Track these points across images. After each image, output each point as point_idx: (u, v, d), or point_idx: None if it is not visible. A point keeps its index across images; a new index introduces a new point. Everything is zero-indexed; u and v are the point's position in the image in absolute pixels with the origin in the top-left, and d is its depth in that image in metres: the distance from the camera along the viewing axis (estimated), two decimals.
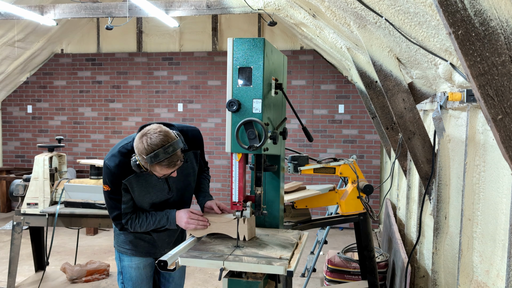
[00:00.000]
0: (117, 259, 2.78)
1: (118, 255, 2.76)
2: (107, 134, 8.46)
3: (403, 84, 3.07)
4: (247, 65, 2.11)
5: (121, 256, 2.73)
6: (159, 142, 2.25)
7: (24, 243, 5.43)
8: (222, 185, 8.06)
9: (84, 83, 8.51)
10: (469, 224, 2.45)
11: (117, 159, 2.42)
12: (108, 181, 2.45)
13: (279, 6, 4.67)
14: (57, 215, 4.06)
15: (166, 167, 2.30)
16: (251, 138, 2.08)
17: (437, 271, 3.05)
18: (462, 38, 1.21)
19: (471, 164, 2.43)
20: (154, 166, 2.29)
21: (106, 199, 2.53)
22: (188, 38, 8.24)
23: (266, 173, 2.53)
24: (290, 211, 3.36)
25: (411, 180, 4.10)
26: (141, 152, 2.26)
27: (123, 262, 2.73)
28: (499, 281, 2.07)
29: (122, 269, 2.74)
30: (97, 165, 4.33)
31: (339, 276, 4.20)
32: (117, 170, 2.41)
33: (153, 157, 2.24)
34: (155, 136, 2.26)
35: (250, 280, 2.12)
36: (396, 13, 2.21)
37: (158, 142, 2.25)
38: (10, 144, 8.81)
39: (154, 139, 2.25)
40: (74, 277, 4.66)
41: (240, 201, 2.22)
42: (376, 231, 7.16)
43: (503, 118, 1.25)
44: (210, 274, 5.21)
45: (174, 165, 2.32)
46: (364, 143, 7.64)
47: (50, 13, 5.51)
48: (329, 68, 7.68)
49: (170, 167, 2.31)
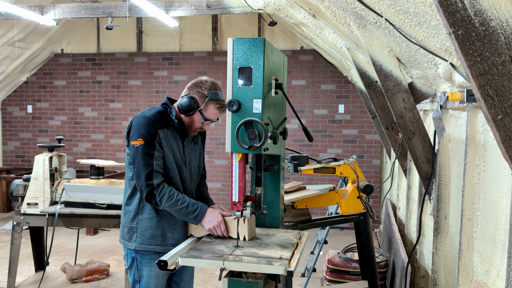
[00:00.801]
0: (132, 268, 2.59)
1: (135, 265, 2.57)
2: (107, 134, 8.46)
3: (403, 84, 3.08)
4: (247, 65, 2.11)
5: (139, 266, 2.56)
6: (218, 85, 2.52)
7: (24, 243, 5.43)
8: (222, 185, 8.06)
9: (84, 83, 8.51)
10: (469, 224, 2.45)
11: (153, 111, 2.52)
12: (144, 132, 2.41)
13: (279, 6, 4.67)
14: (57, 215, 4.06)
15: (217, 109, 2.50)
16: (251, 138, 2.09)
17: (437, 271, 3.05)
18: (462, 38, 1.21)
19: (471, 164, 2.43)
20: (208, 105, 2.47)
21: (138, 156, 2.41)
22: (188, 38, 8.24)
23: (266, 173, 2.53)
24: (290, 211, 3.36)
25: (411, 180, 4.10)
26: (202, 87, 2.47)
27: (141, 271, 2.57)
28: (499, 281, 2.07)
29: (140, 278, 2.57)
30: (97, 165, 4.33)
31: (339, 276, 4.20)
32: (155, 118, 2.46)
33: (214, 93, 2.46)
34: (215, 81, 2.53)
35: (250, 280, 2.12)
36: (396, 13, 2.21)
37: (217, 84, 2.52)
38: (10, 144, 8.81)
39: (214, 81, 2.52)
40: (74, 277, 4.66)
41: (240, 201, 2.22)
42: (376, 231, 7.16)
43: (503, 118, 1.25)
44: (210, 274, 5.21)
45: (223, 110, 2.50)
46: (364, 143, 7.64)
47: (50, 13, 5.51)
48: (329, 68, 7.68)
49: (220, 111, 2.50)
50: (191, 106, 2.45)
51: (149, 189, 2.40)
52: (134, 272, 2.59)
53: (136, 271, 2.58)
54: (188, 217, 2.46)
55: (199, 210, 2.46)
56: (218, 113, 2.51)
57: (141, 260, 2.57)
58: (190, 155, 2.65)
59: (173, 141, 2.54)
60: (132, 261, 2.58)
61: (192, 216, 2.45)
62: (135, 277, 2.59)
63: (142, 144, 2.41)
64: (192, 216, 2.45)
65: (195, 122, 2.54)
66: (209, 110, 2.49)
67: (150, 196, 2.41)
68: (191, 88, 2.52)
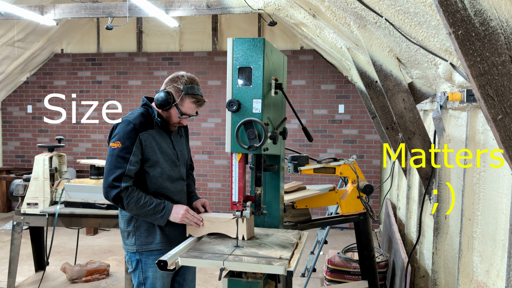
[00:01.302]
0: (138, 271, 2.59)
1: (140, 266, 2.58)
2: (107, 134, 8.46)
3: (403, 84, 3.07)
4: (247, 65, 2.11)
5: (144, 267, 2.56)
6: (195, 79, 2.56)
7: (24, 243, 5.43)
8: (222, 185, 8.06)
9: (84, 83, 8.51)
10: (469, 224, 2.45)
11: (135, 114, 2.55)
12: (124, 135, 2.45)
13: (279, 6, 4.67)
14: (57, 215, 4.06)
15: (193, 103, 2.52)
16: (251, 138, 2.08)
17: (437, 271, 3.05)
18: (462, 38, 1.21)
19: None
20: (184, 99, 2.50)
21: (112, 157, 2.44)
22: (188, 38, 8.24)
23: (266, 173, 2.53)
24: (290, 211, 3.36)
25: (411, 180, 4.10)
26: (177, 82, 2.51)
27: (146, 273, 2.57)
28: (499, 281, 2.07)
29: (145, 280, 2.57)
30: (97, 165, 4.33)
31: (339, 276, 4.20)
32: (137, 121, 2.50)
33: (189, 88, 2.49)
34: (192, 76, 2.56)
35: (250, 280, 2.12)
36: (396, 13, 2.21)
37: (194, 78, 2.56)
38: (10, 144, 8.81)
39: (191, 76, 2.55)
40: (74, 277, 4.66)
41: (240, 201, 2.22)
42: (376, 231, 7.16)
43: (503, 118, 1.25)
44: (210, 274, 5.21)
45: (200, 105, 2.56)
46: (364, 143, 7.64)
47: (50, 13, 5.51)
48: (329, 68, 7.68)
49: (196, 105, 2.54)
50: (167, 100, 2.49)
51: (116, 190, 2.41)
52: (138, 275, 2.59)
53: (141, 273, 2.58)
54: (156, 216, 2.48)
55: (166, 209, 2.49)
56: (194, 107, 2.55)
57: (146, 262, 2.57)
58: (180, 148, 2.73)
59: (161, 139, 2.59)
60: (137, 263, 2.59)
61: (159, 215, 2.48)
62: (140, 280, 2.59)
63: (119, 147, 2.45)
64: (159, 215, 2.48)
65: (172, 116, 2.57)
66: (185, 105, 2.53)
67: (117, 198, 2.43)
68: (167, 83, 2.57)
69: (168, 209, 2.49)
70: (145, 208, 2.45)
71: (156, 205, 2.47)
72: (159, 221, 2.50)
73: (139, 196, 2.45)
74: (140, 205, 2.44)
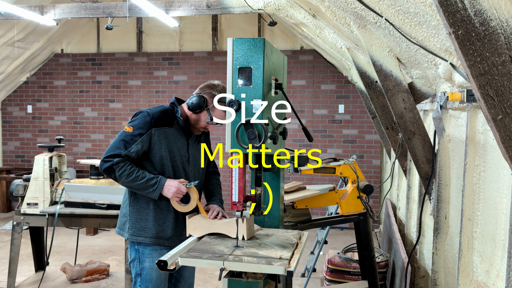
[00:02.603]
0: (135, 261, 2.68)
1: (137, 256, 2.67)
2: (107, 134, 8.46)
3: (403, 84, 3.07)
4: (247, 65, 2.11)
5: (141, 257, 2.66)
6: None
7: (24, 243, 5.43)
8: (222, 185, 8.05)
9: (84, 83, 8.51)
10: (469, 224, 2.45)
11: (158, 109, 2.62)
12: (138, 124, 2.55)
13: (279, 6, 4.67)
14: (57, 215, 4.06)
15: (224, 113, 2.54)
16: (251, 138, 2.08)
17: (437, 271, 3.05)
18: (462, 38, 1.21)
19: (471, 164, 2.43)
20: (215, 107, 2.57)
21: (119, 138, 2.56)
22: (188, 38, 8.24)
23: (266, 173, 2.53)
24: (290, 211, 3.36)
25: (411, 180, 4.10)
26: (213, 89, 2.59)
27: (143, 263, 2.66)
28: (499, 281, 2.07)
29: (142, 271, 2.66)
30: (97, 165, 4.33)
31: (339, 276, 4.20)
32: (156, 116, 2.57)
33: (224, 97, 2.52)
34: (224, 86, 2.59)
35: (250, 280, 2.12)
36: (396, 13, 2.21)
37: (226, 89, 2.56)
38: (10, 144, 8.81)
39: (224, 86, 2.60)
40: (74, 277, 4.66)
41: (240, 201, 2.22)
42: (376, 231, 7.16)
43: (503, 118, 1.25)
44: (210, 274, 5.21)
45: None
46: (364, 143, 7.64)
47: (50, 13, 5.51)
48: (329, 68, 7.68)
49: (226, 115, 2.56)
50: (200, 104, 2.58)
51: (109, 163, 2.51)
52: (136, 265, 2.69)
53: (138, 263, 2.67)
54: (148, 190, 2.54)
55: (158, 182, 2.54)
56: (223, 115, 2.58)
57: (143, 252, 2.67)
58: (194, 153, 2.77)
59: (176, 139, 2.66)
60: (136, 253, 2.68)
61: (151, 189, 2.53)
62: (137, 270, 2.69)
63: (129, 132, 2.55)
64: (151, 189, 2.53)
65: (201, 120, 2.65)
66: (217, 111, 2.60)
67: (109, 169, 2.52)
68: (203, 88, 2.65)
69: (161, 184, 2.54)
70: (136, 181, 2.52)
71: (149, 179, 2.53)
72: (151, 194, 2.56)
73: (132, 169, 2.52)
74: (132, 178, 2.51)
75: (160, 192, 2.54)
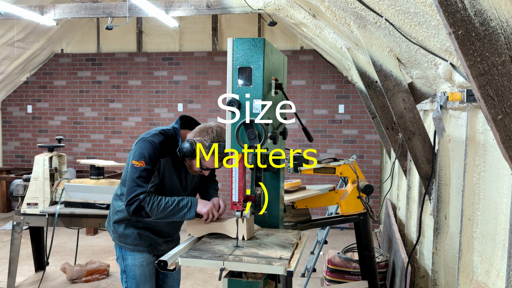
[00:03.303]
0: (119, 259, 2.74)
1: (120, 254, 2.72)
2: (107, 134, 8.46)
3: (403, 84, 3.07)
4: (247, 65, 2.11)
5: (124, 255, 2.71)
6: (223, 134, 2.47)
7: (24, 243, 5.43)
8: (222, 185, 8.06)
9: (84, 83, 8.51)
10: (469, 224, 2.45)
11: (161, 138, 2.54)
12: (148, 156, 2.46)
13: (279, 6, 4.67)
14: (57, 215, 4.06)
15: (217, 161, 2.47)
16: (251, 138, 2.08)
17: (437, 271, 3.05)
18: (462, 38, 1.21)
19: (471, 164, 2.43)
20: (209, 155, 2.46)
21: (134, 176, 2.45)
22: (188, 38, 8.24)
23: (266, 173, 2.53)
24: (290, 211, 3.36)
25: (411, 180, 4.10)
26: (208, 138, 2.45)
27: (126, 261, 2.71)
28: (499, 281, 2.07)
29: (126, 267, 2.71)
30: (97, 165, 4.33)
31: (339, 276, 4.20)
32: (160, 146, 2.50)
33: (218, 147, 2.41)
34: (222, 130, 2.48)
35: (250, 280, 2.12)
36: (396, 13, 2.21)
37: (223, 134, 2.47)
38: (10, 144, 8.81)
39: (220, 131, 2.48)
40: (74, 277, 4.65)
41: (240, 201, 2.22)
42: (376, 231, 7.16)
43: (503, 118, 1.25)
44: (210, 274, 5.21)
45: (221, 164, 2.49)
46: (364, 143, 7.64)
47: (50, 13, 5.51)
48: (329, 68, 7.68)
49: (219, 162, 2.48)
50: (191, 151, 2.45)
51: (136, 203, 2.43)
52: (120, 263, 2.74)
53: (122, 260, 2.72)
54: (183, 211, 2.47)
55: (190, 201, 2.49)
56: (214, 163, 2.48)
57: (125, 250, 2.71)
58: (190, 178, 2.73)
59: (175, 166, 2.60)
60: (120, 250, 2.72)
61: (186, 209, 2.47)
62: (122, 267, 2.74)
63: (143, 167, 2.45)
64: (186, 209, 2.47)
65: (193, 166, 2.56)
66: (207, 159, 2.48)
67: (139, 208, 2.44)
68: (196, 133, 2.51)
69: (194, 201, 2.49)
70: (168, 208, 2.45)
71: (179, 201, 2.47)
72: (188, 214, 2.48)
73: (159, 199, 2.46)
74: (163, 207, 2.44)
75: (195, 209, 2.47)
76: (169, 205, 2.44)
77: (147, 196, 2.43)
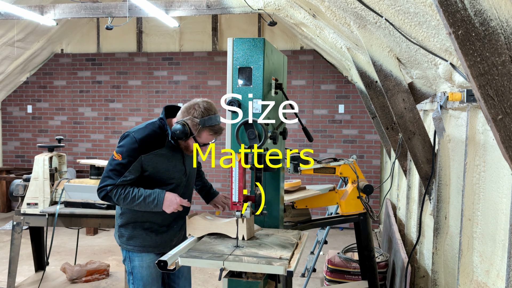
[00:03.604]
0: (126, 260, 2.72)
1: (127, 255, 2.70)
2: (107, 134, 8.46)
3: (403, 84, 3.07)
4: (247, 65, 2.11)
5: (131, 256, 2.69)
6: (211, 108, 2.46)
7: (24, 243, 5.43)
8: (222, 185, 8.06)
9: (84, 83, 8.51)
10: (469, 224, 2.45)
11: (146, 132, 2.52)
12: (126, 152, 2.47)
13: (279, 6, 4.67)
14: (57, 215, 4.06)
15: (212, 134, 2.48)
16: (251, 138, 2.08)
17: (437, 271, 3.05)
18: (462, 38, 1.21)
19: (471, 164, 2.43)
20: (201, 131, 2.46)
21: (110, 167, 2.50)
22: (188, 38, 8.24)
23: (266, 173, 2.53)
24: (290, 211, 3.36)
25: (411, 180, 4.10)
26: (195, 115, 2.43)
27: (133, 262, 2.69)
28: (499, 281, 2.07)
29: (133, 269, 2.69)
30: (97, 165, 4.33)
31: (339, 276, 4.20)
32: (142, 142, 2.48)
33: (206, 120, 2.42)
34: (208, 104, 2.46)
35: (250, 280, 2.12)
36: (396, 13, 2.21)
37: (212, 108, 2.46)
38: (10, 144, 8.81)
39: (208, 105, 2.46)
40: (74, 277, 4.65)
41: (240, 201, 2.22)
42: (376, 231, 7.16)
43: (503, 118, 1.25)
44: (210, 274, 5.21)
45: (219, 133, 2.50)
46: (364, 143, 7.64)
47: (50, 13, 5.51)
48: (329, 68, 7.68)
49: (216, 134, 2.49)
50: (184, 132, 2.45)
51: (104, 192, 2.50)
52: (127, 264, 2.72)
53: (129, 262, 2.70)
54: (149, 207, 2.51)
55: (157, 198, 2.50)
56: (212, 137, 2.52)
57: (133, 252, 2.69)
58: (189, 163, 2.75)
59: (171, 157, 2.59)
60: (126, 252, 2.71)
61: (152, 206, 2.50)
62: (129, 269, 2.72)
63: (118, 161, 2.49)
64: (152, 206, 2.50)
65: (190, 146, 2.56)
66: (203, 136, 2.50)
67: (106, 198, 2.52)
68: (184, 113, 2.50)
69: (160, 199, 2.50)
70: (135, 201, 2.49)
71: (146, 197, 2.49)
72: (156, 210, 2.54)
73: (126, 192, 2.48)
74: (129, 201, 2.49)
75: (161, 207, 2.50)
76: (136, 199, 2.48)
77: (114, 189, 2.48)
